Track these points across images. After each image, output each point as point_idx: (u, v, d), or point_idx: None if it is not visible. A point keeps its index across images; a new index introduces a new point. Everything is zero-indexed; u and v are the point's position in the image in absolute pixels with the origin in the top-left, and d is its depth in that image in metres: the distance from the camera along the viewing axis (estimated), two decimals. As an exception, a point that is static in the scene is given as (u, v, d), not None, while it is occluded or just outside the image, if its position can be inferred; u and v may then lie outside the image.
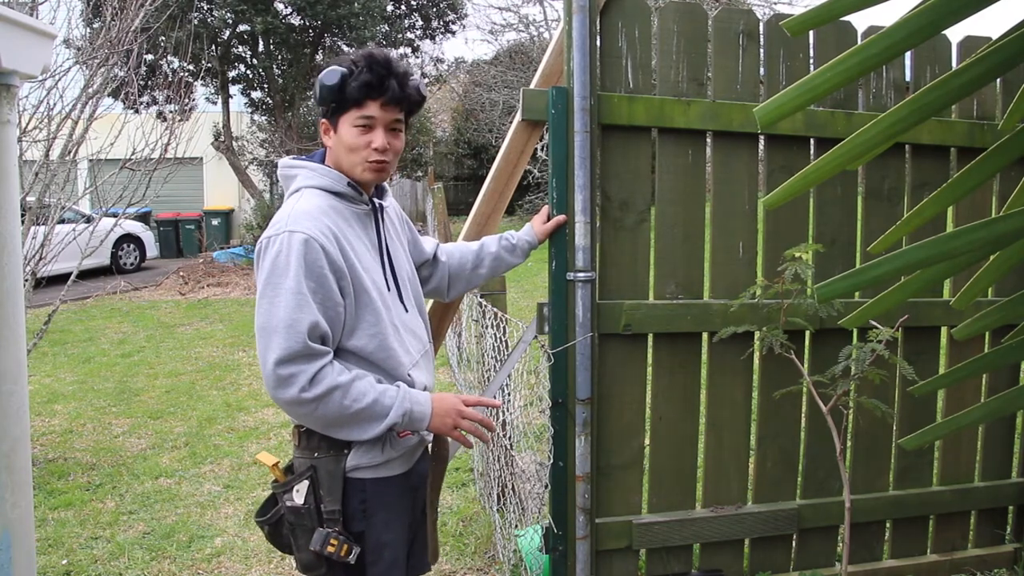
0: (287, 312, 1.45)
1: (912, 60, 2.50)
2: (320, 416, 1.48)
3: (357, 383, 1.50)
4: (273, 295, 1.47)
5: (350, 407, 1.48)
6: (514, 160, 2.22)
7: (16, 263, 1.25)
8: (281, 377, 1.43)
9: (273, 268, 1.48)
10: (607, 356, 2.32)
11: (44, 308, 5.77)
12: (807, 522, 2.53)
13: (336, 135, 1.61)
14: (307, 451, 1.59)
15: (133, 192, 4.83)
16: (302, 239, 1.48)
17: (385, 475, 1.61)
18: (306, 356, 1.45)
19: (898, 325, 2.24)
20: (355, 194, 1.63)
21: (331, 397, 1.46)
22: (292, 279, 1.46)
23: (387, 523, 1.61)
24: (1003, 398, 1.43)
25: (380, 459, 1.59)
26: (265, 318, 1.47)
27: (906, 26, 0.98)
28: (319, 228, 1.51)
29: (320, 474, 1.57)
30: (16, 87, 1.26)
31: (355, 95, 1.56)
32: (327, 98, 1.58)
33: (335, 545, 1.52)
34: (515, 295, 8.28)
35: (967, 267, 1.33)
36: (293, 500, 1.57)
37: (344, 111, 1.58)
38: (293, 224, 1.50)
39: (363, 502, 1.58)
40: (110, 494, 3.83)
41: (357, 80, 1.55)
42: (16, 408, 1.25)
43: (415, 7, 14.98)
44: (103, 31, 4.69)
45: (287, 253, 1.47)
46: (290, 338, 1.44)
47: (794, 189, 1.14)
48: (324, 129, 1.64)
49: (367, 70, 1.55)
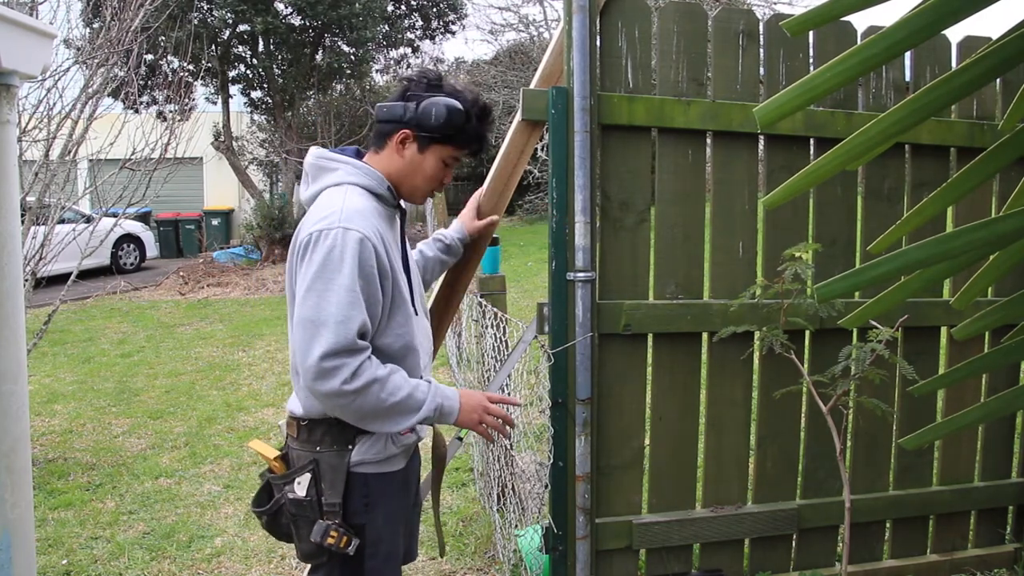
0: (339, 309, 1.46)
1: (912, 60, 2.50)
2: (357, 408, 1.50)
3: (394, 376, 1.53)
4: (324, 289, 1.48)
5: (386, 400, 1.51)
6: (514, 160, 2.22)
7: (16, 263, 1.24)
8: (325, 369, 1.45)
9: (326, 262, 1.49)
10: (607, 356, 2.32)
11: (44, 308, 5.77)
12: (807, 522, 2.53)
13: (417, 155, 1.65)
14: (308, 444, 1.62)
15: (133, 192, 4.82)
16: (357, 238, 1.50)
17: (387, 470, 1.64)
18: (352, 351, 1.47)
19: (898, 325, 2.24)
20: (391, 198, 1.67)
21: (370, 390, 1.49)
22: (347, 276, 1.48)
23: (387, 517, 1.65)
24: (1003, 398, 1.43)
25: (384, 455, 1.62)
26: (314, 311, 1.47)
27: (906, 26, 0.98)
28: (371, 229, 1.53)
29: (322, 467, 1.59)
30: (16, 87, 1.26)
31: (463, 141, 1.65)
32: (440, 128, 1.61)
33: (335, 537, 1.55)
34: (515, 295, 8.28)
35: (967, 267, 1.33)
36: (295, 492, 1.60)
37: (442, 143, 1.64)
38: (347, 222, 1.51)
39: (366, 496, 1.61)
40: (110, 494, 3.83)
41: (474, 129, 1.65)
42: (16, 408, 1.25)
43: (415, 7, 14.97)
44: (103, 31, 4.68)
45: (342, 249, 1.49)
46: (339, 334, 1.45)
47: (794, 189, 1.14)
48: (402, 139, 1.64)
49: (483, 122, 1.67)
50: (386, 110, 1.66)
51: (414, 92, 1.65)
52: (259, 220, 13.19)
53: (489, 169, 2.23)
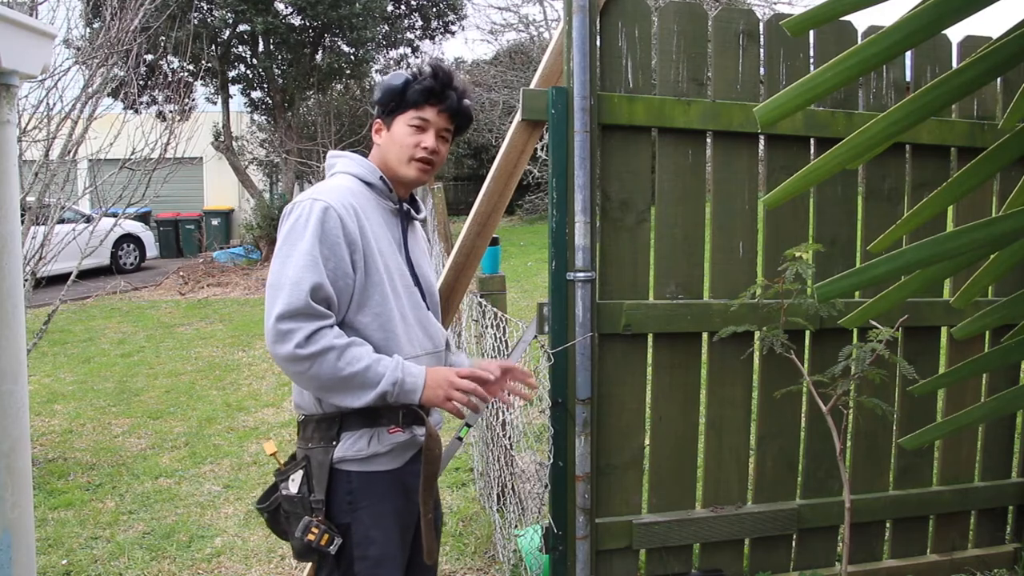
0: (295, 271, 1.49)
1: (912, 60, 2.50)
2: (313, 376, 1.50)
3: (353, 348, 1.52)
4: (286, 256, 1.52)
5: (343, 369, 1.50)
6: (514, 160, 2.22)
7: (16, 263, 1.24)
8: (280, 331, 1.47)
9: (291, 230, 1.54)
10: (607, 356, 2.32)
11: (44, 308, 5.76)
12: (807, 522, 2.53)
13: (388, 133, 1.70)
14: (303, 441, 1.63)
15: (133, 192, 4.82)
16: (323, 207, 1.54)
17: (373, 469, 1.61)
18: (306, 315, 1.48)
19: (898, 325, 2.24)
20: (384, 188, 1.70)
21: (326, 357, 1.48)
22: (307, 242, 1.51)
23: (375, 518, 1.61)
24: (1003, 398, 1.43)
25: (366, 452, 1.60)
26: (276, 276, 1.52)
27: (906, 26, 0.98)
28: (341, 201, 1.57)
29: (312, 464, 1.60)
30: (16, 87, 1.25)
31: (416, 98, 1.66)
32: (387, 98, 1.68)
33: (315, 534, 1.55)
34: (515, 295, 8.27)
35: (967, 267, 1.33)
36: (288, 488, 1.61)
37: (402, 111, 1.68)
38: (316, 194, 1.57)
39: (349, 494, 1.59)
40: (110, 494, 3.83)
41: (420, 84, 1.66)
42: (16, 408, 1.25)
43: (415, 7, 14.97)
44: (103, 31, 4.68)
45: (306, 218, 1.53)
46: (293, 295, 1.47)
47: (794, 188, 1.14)
48: (376, 128, 1.72)
49: (431, 77, 1.67)
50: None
51: None
52: (259, 220, 13.19)
53: (489, 169, 2.23)
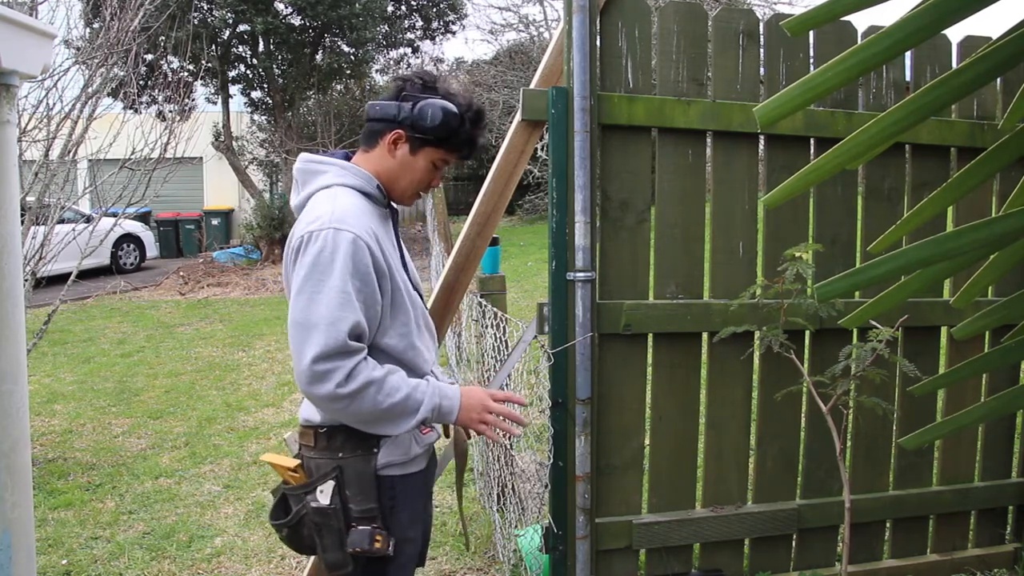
0: (329, 310, 1.44)
1: (912, 60, 2.50)
2: (354, 411, 1.48)
3: (390, 378, 1.51)
4: (314, 291, 1.45)
5: (383, 402, 1.48)
6: (514, 160, 2.22)
7: (16, 263, 1.24)
8: (317, 373, 1.43)
9: (315, 264, 1.46)
10: (607, 356, 2.32)
11: (44, 308, 5.76)
12: (807, 522, 2.53)
13: (408, 156, 1.63)
14: (329, 452, 1.58)
15: (133, 192, 4.82)
16: (350, 238, 1.47)
17: (412, 471, 1.63)
18: (344, 353, 1.44)
19: (898, 325, 2.24)
20: (380, 196, 1.64)
21: (366, 392, 1.46)
22: (338, 277, 1.45)
23: (411, 518, 1.63)
24: (1003, 398, 1.43)
25: (409, 455, 1.60)
26: (304, 313, 1.45)
27: (906, 26, 0.98)
28: (364, 228, 1.51)
29: (347, 474, 1.56)
30: (16, 87, 1.25)
31: (456, 144, 1.63)
32: (434, 130, 1.59)
33: (381, 540, 1.54)
34: (515, 295, 8.27)
35: (967, 267, 1.33)
36: (318, 501, 1.56)
37: (434, 146, 1.62)
38: (338, 222, 1.49)
39: (392, 499, 1.59)
40: (110, 494, 3.83)
41: (467, 133, 1.63)
42: (16, 408, 1.25)
43: (415, 7, 14.98)
44: (102, 31, 4.68)
45: (332, 250, 1.46)
46: (330, 335, 1.43)
47: (794, 188, 1.14)
48: (396, 142, 1.62)
49: (476, 127, 1.65)
50: (379, 109, 1.64)
51: (409, 92, 1.63)
52: (259, 220, 13.19)
53: (489, 169, 2.23)
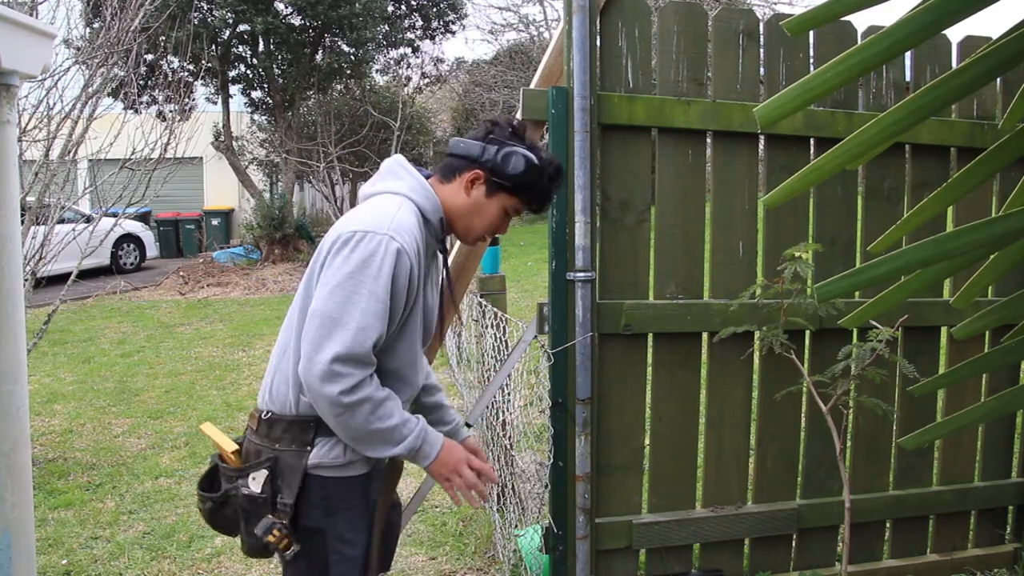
0: (364, 316, 1.44)
1: (912, 60, 2.50)
2: (344, 422, 1.48)
3: (387, 403, 1.51)
4: (353, 290, 1.45)
5: (373, 423, 1.48)
6: (514, 160, 2.21)
7: (16, 263, 1.24)
8: (332, 372, 1.43)
9: (365, 264, 1.46)
10: (607, 356, 2.32)
11: (44, 308, 5.76)
12: (807, 522, 2.53)
13: (483, 198, 1.63)
14: (268, 440, 1.58)
15: (133, 192, 4.82)
16: (397, 249, 1.48)
17: (348, 475, 1.59)
18: (362, 363, 1.45)
19: (898, 325, 2.24)
20: (439, 230, 1.65)
21: (362, 408, 1.46)
22: (381, 287, 1.46)
23: (351, 521, 1.60)
24: (1003, 398, 1.43)
25: (343, 460, 1.58)
26: (336, 309, 1.45)
27: (906, 26, 0.98)
28: (412, 247, 1.51)
29: (281, 465, 1.56)
30: (16, 87, 1.26)
31: (531, 196, 1.65)
32: (515, 178, 1.60)
33: (276, 536, 1.52)
34: (515, 295, 8.28)
35: (967, 267, 1.33)
36: (249, 488, 1.56)
37: (511, 193, 1.63)
38: (394, 232, 1.50)
39: (325, 499, 1.57)
40: (110, 494, 3.83)
41: (544, 187, 1.64)
42: (16, 408, 1.25)
43: (415, 7, 14.97)
44: (103, 31, 4.68)
45: (383, 257, 1.47)
46: (357, 340, 1.43)
47: (794, 188, 1.14)
48: (473, 178, 1.62)
49: (554, 182, 1.66)
50: (463, 146, 1.64)
51: (497, 137, 1.63)
52: (259, 220, 13.18)
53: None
